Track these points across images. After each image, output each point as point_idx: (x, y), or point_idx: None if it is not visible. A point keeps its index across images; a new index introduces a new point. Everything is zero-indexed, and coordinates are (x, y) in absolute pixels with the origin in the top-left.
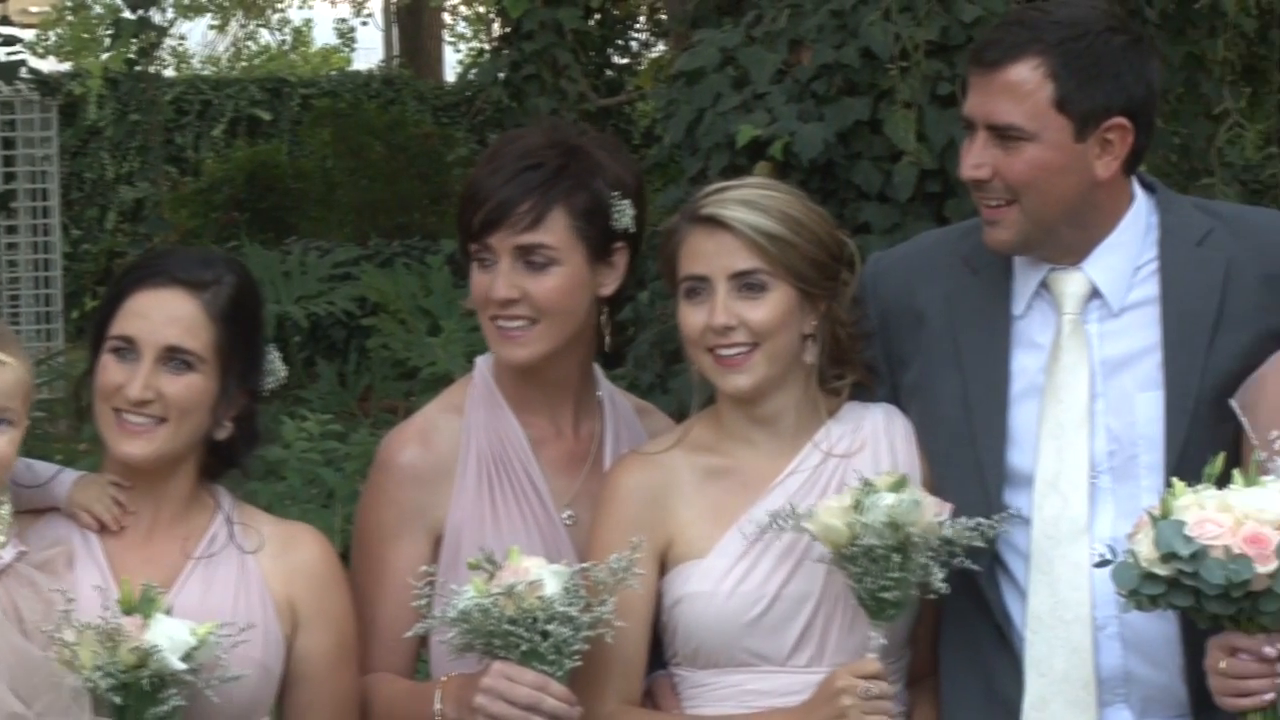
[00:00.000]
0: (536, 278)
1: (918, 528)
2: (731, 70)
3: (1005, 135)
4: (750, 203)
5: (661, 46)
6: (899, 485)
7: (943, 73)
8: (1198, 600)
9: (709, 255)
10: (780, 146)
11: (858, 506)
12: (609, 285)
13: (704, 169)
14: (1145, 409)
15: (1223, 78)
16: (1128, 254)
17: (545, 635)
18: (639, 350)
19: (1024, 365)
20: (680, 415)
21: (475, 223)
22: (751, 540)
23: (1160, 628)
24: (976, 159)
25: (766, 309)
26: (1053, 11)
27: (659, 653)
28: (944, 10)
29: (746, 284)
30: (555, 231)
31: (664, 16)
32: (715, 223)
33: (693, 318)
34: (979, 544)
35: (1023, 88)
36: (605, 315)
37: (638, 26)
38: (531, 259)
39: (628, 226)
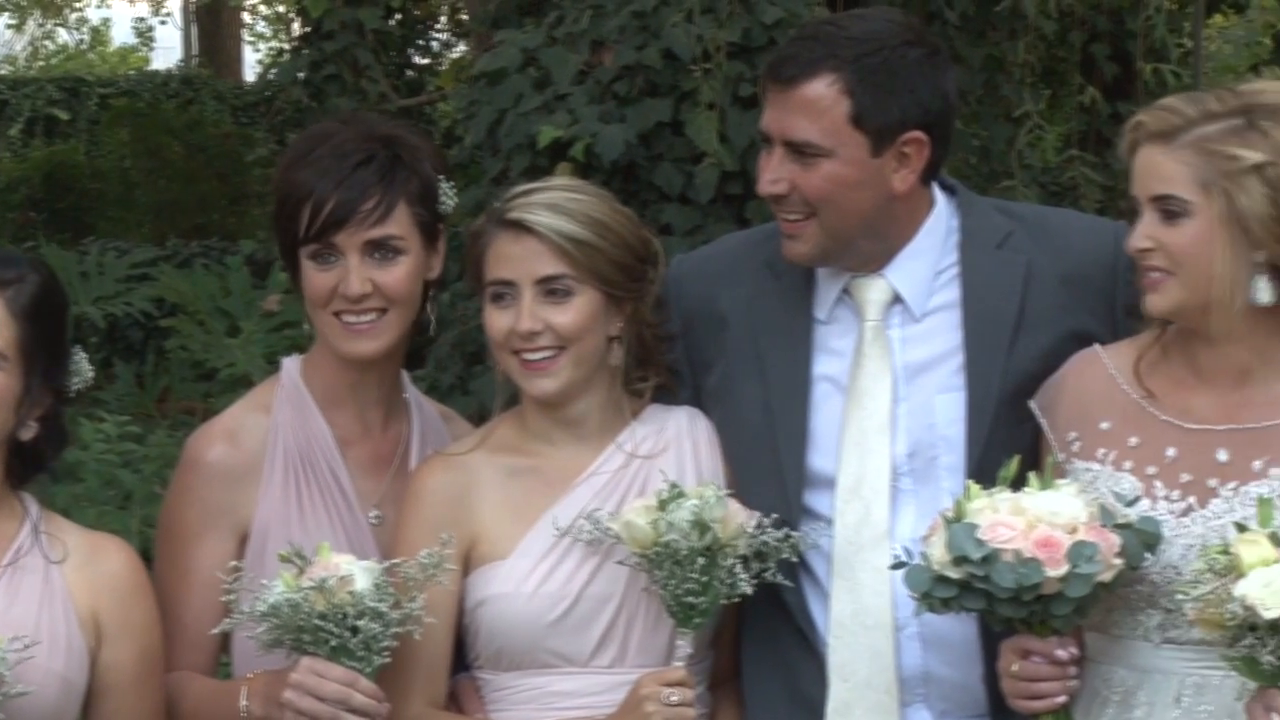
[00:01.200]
0: (387, 269)
1: (723, 530)
2: (533, 71)
3: (802, 151)
4: (556, 206)
5: (463, 47)
6: (705, 488)
7: (744, 74)
8: (990, 603)
9: (515, 260)
10: (582, 148)
11: (663, 506)
12: (436, 269)
13: (505, 170)
14: (946, 411)
15: (1023, 80)
16: (929, 259)
17: (355, 631)
18: (439, 352)
19: (826, 370)
20: (481, 417)
21: (314, 224)
22: (555, 540)
23: (959, 629)
24: (774, 174)
25: (572, 313)
26: (848, 26)
27: (463, 655)
28: (746, 12)
29: (552, 289)
30: (401, 222)
31: (465, 17)
32: (521, 227)
33: (499, 322)
34: (788, 556)
35: (819, 105)
36: (431, 301)
37: (439, 27)
38: (380, 251)
39: (449, 209)
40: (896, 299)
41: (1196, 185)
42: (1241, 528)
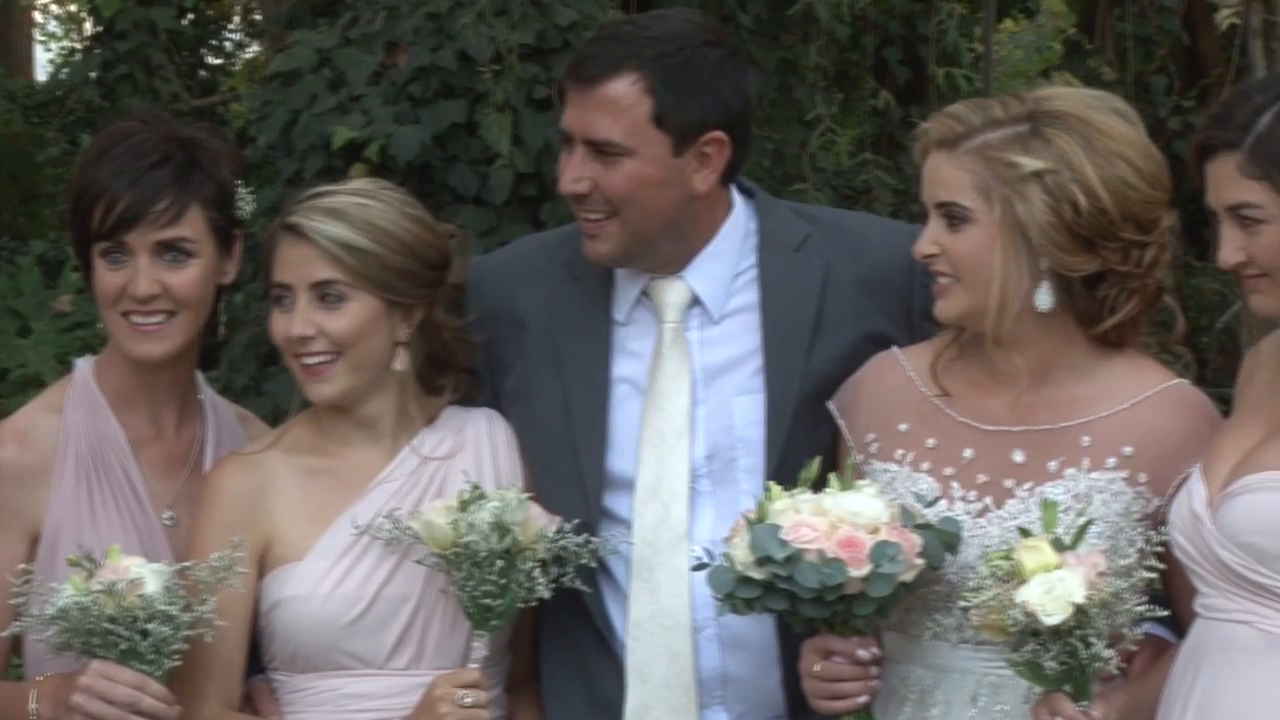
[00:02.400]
0: (177, 271)
1: (524, 533)
2: (327, 72)
3: (604, 150)
4: (336, 212)
5: (256, 47)
6: (507, 490)
7: (538, 76)
8: (793, 603)
9: (292, 264)
10: (376, 148)
11: (464, 507)
12: (230, 273)
13: (299, 171)
14: (744, 413)
15: (816, 84)
16: (727, 262)
17: (145, 634)
18: (234, 353)
19: (625, 372)
20: (276, 418)
21: (106, 222)
22: (351, 541)
23: (757, 631)
24: (576, 173)
25: (346, 319)
26: (649, 26)
27: (258, 657)
28: (539, 14)
29: (325, 294)
30: (194, 224)
31: (259, 17)
32: (297, 232)
33: (278, 325)
34: (587, 561)
35: (620, 104)
36: (223, 304)
37: (232, 27)
38: (171, 254)
39: (246, 215)
40: (695, 301)
41: (978, 192)
42: (1025, 533)
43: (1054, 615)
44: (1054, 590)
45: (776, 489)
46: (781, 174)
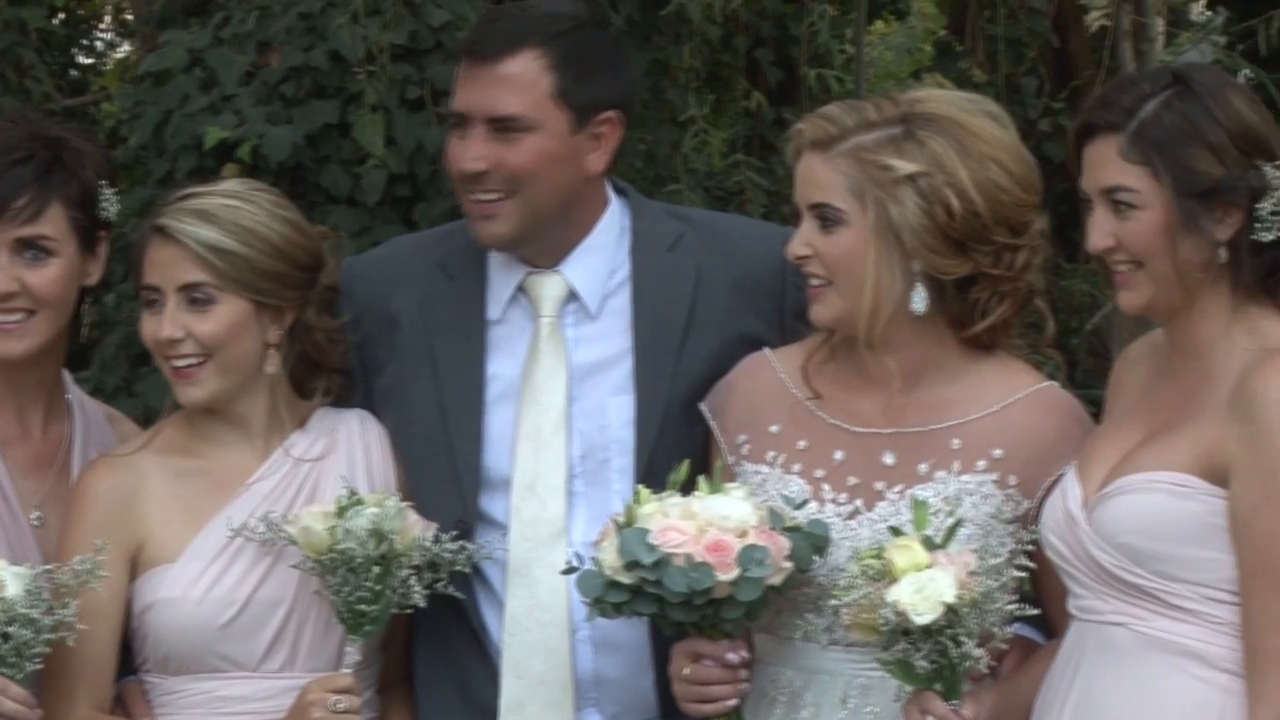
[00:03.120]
0: (36, 270)
1: (401, 539)
2: (199, 72)
3: (506, 127)
4: (204, 214)
5: (127, 47)
6: (385, 498)
7: (411, 77)
8: (661, 607)
9: (161, 266)
10: (248, 149)
11: (341, 513)
12: (94, 274)
13: (171, 171)
14: (618, 413)
15: (688, 85)
16: (603, 258)
17: (6, 637)
18: (105, 353)
19: (500, 370)
20: (147, 419)
21: None
22: (225, 543)
23: (630, 633)
24: (476, 152)
25: (214, 322)
26: (540, 7)
27: (130, 659)
28: (412, 15)
29: (194, 297)
30: (54, 223)
31: (130, 17)
32: (165, 234)
33: (148, 327)
34: (462, 568)
35: (522, 79)
36: (88, 305)
37: (103, 27)
38: (31, 251)
39: (111, 216)
40: (572, 296)
41: (851, 194)
42: (897, 532)
43: (925, 615)
44: (925, 590)
45: (645, 492)
46: (654, 175)
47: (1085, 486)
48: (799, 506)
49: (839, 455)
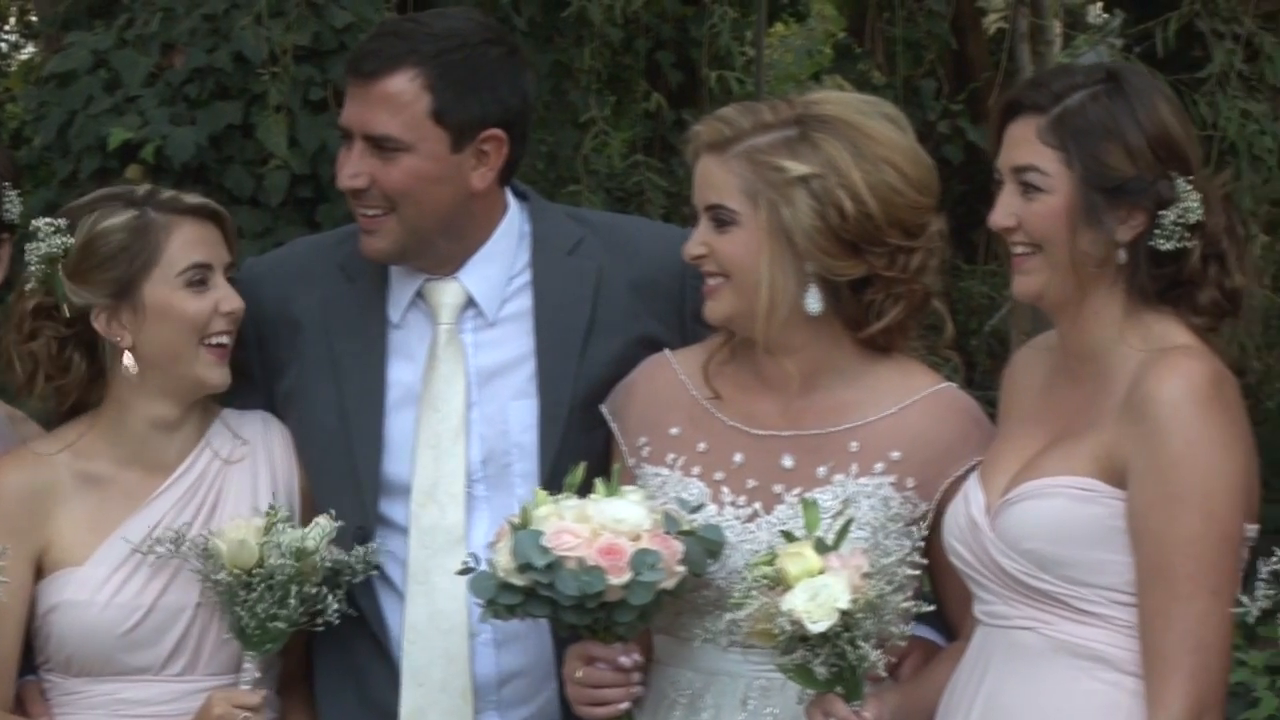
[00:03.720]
0: None
1: (319, 555)
2: (103, 73)
3: (382, 145)
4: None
5: (32, 48)
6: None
7: (314, 78)
8: (554, 610)
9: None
10: (152, 150)
11: (268, 529)
12: None
13: (75, 172)
14: (519, 418)
15: (589, 86)
16: (502, 263)
17: None
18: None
19: (400, 375)
20: (47, 421)
21: None
22: (130, 548)
23: (534, 635)
24: (354, 168)
25: None
26: (429, 23)
27: (31, 657)
28: (315, 16)
29: None
30: None
31: (34, 18)
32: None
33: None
34: (362, 574)
35: (400, 99)
36: None
37: (8, 28)
38: None
39: (14, 218)
40: (470, 303)
41: (745, 195)
42: (789, 536)
43: (820, 622)
44: (819, 596)
45: (541, 494)
46: (555, 176)
47: (988, 492)
48: (694, 510)
49: (738, 458)
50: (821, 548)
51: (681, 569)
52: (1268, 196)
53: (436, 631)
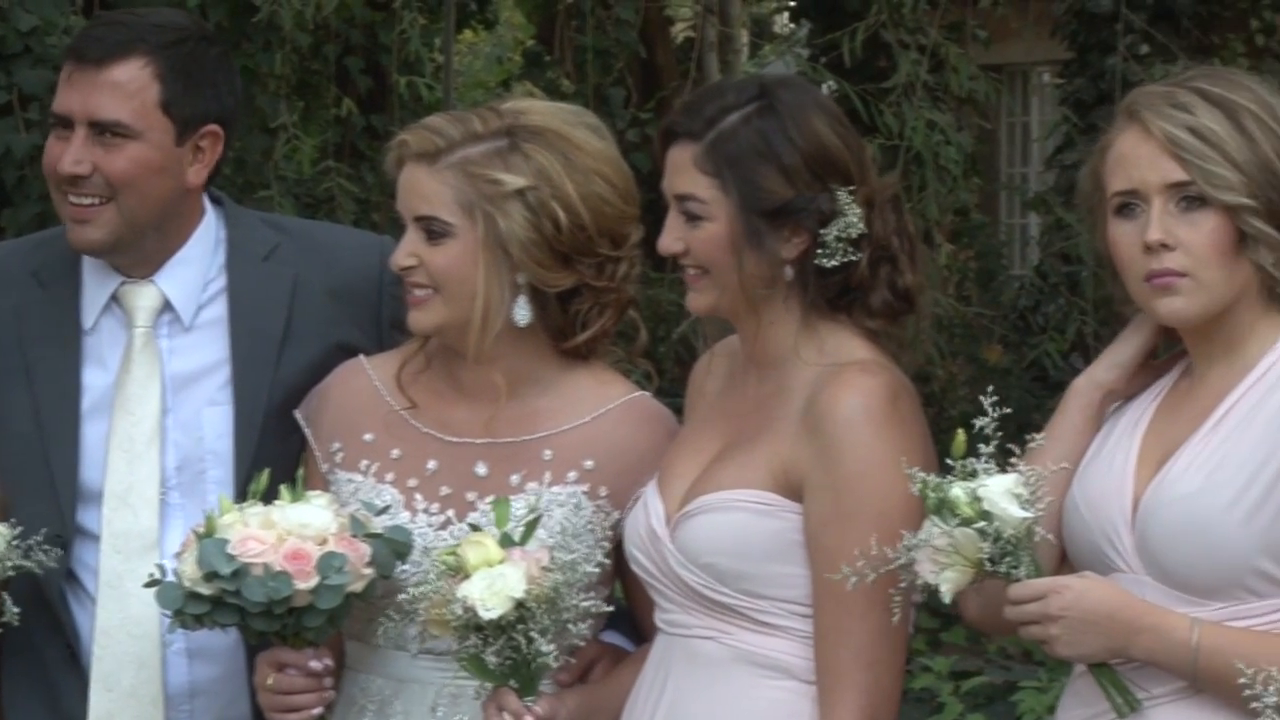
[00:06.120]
0: None
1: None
2: None
3: (109, 132)
4: None
5: None
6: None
7: (0, 82)
8: (243, 618)
9: None
10: None
11: None
12: None
13: None
14: (213, 425)
15: (278, 92)
16: (199, 268)
17: None
18: None
19: (94, 380)
20: None
21: None
22: None
23: (226, 642)
24: (76, 155)
25: None
26: (151, 16)
27: None
28: (1, 19)
29: None
30: None
31: None
32: None
33: None
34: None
35: (129, 86)
36: None
37: None
38: None
39: None
40: (166, 307)
41: (460, 207)
42: (476, 528)
43: (493, 610)
44: (494, 585)
45: (226, 501)
46: (244, 182)
47: (666, 501)
48: (380, 513)
49: (432, 465)
50: (507, 541)
51: (369, 571)
52: (952, 206)
53: (128, 637)
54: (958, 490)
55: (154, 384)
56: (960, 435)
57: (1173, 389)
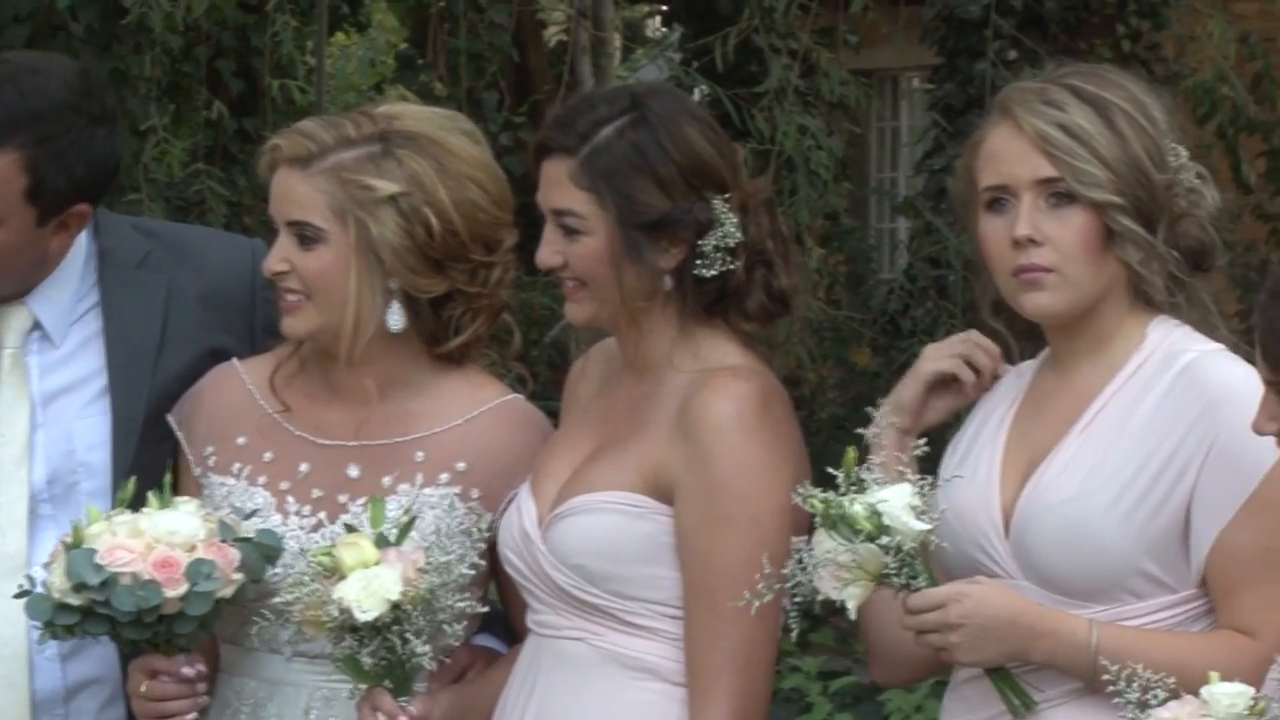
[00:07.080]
0: None
1: None
2: None
3: None
4: None
5: None
6: None
7: None
8: (114, 627)
9: None
10: None
11: None
12: None
13: None
14: (85, 436)
15: (149, 94)
16: (70, 286)
17: None
18: None
19: None
20: None
21: None
22: None
23: (101, 654)
24: None
25: None
26: (28, 91)
27: None
28: None
29: None
30: None
31: None
32: None
33: None
34: None
35: None
36: None
37: None
38: None
39: None
40: (37, 326)
41: (332, 213)
42: (351, 529)
43: (369, 611)
44: (370, 586)
45: (95, 511)
46: (113, 185)
47: (539, 502)
48: (249, 517)
49: (304, 467)
50: (382, 542)
51: (239, 576)
52: (823, 210)
53: None
54: (858, 507)
55: (23, 404)
56: (851, 452)
57: (1031, 390)
